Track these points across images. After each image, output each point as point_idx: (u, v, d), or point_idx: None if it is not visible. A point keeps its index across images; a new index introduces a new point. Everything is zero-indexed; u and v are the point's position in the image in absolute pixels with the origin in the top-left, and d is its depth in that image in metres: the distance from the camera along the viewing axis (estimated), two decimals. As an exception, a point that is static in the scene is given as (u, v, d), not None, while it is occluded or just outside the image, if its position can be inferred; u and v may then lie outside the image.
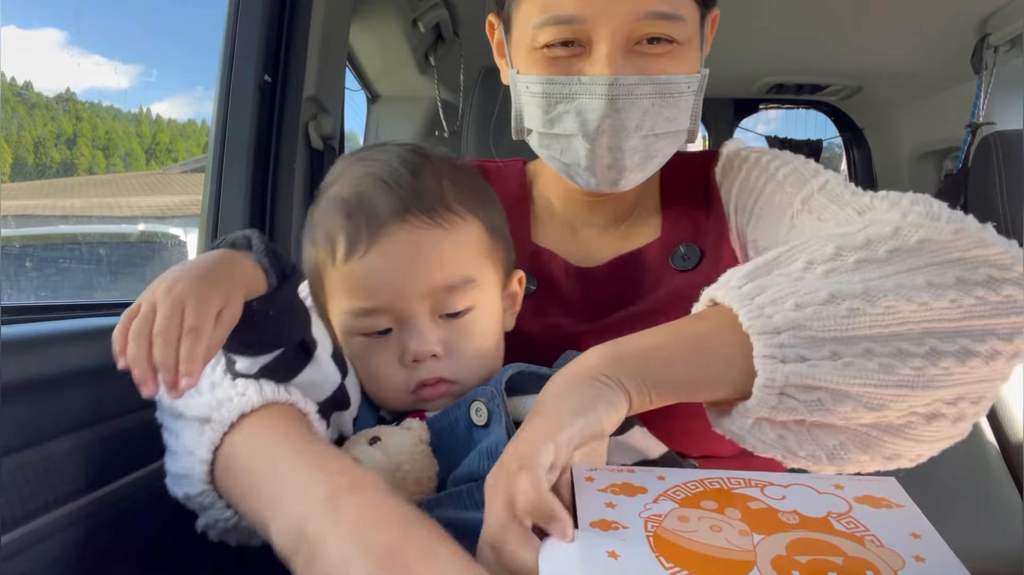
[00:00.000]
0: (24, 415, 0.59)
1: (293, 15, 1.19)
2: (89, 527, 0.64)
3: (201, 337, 0.48)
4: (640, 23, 0.65)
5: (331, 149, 1.26)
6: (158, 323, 0.48)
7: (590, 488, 0.47)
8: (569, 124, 0.69)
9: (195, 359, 0.48)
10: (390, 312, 0.62)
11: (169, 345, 0.48)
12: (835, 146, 2.94)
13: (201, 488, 0.56)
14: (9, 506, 0.56)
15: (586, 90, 0.67)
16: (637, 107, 0.67)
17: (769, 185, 0.76)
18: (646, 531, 0.42)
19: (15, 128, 1.21)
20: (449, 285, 0.62)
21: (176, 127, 1.87)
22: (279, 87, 1.18)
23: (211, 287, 0.50)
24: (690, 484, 0.47)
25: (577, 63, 0.68)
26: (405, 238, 0.61)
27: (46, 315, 0.73)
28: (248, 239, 0.57)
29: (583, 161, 0.71)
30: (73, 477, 0.63)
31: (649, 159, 0.72)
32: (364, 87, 2.18)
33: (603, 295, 0.78)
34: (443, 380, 0.63)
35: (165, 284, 0.50)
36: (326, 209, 0.65)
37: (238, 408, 0.55)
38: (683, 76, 0.68)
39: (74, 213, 1.56)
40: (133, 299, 0.53)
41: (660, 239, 0.79)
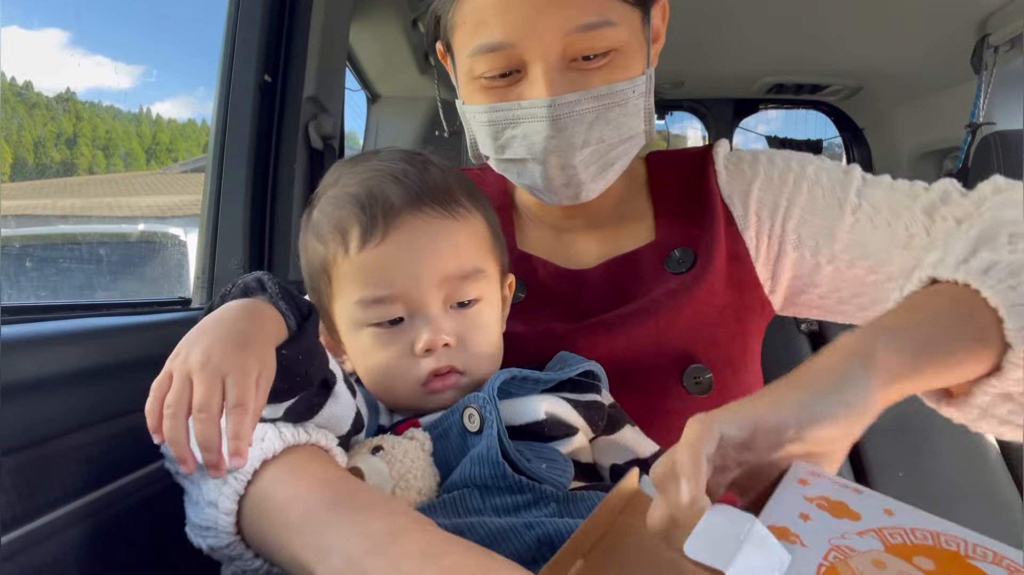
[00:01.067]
0: (24, 415, 0.59)
1: (293, 15, 1.19)
2: (89, 527, 0.64)
3: (247, 412, 0.46)
4: (570, 38, 0.64)
5: (331, 149, 1.27)
6: (198, 399, 0.46)
7: (797, 491, 0.40)
8: (519, 149, 0.69)
9: (244, 436, 0.45)
10: (404, 300, 0.62)
11: (212, 422, 0.45)
12: (835, 146, 2.94)
13: (228, 540, 0.53)
14: (9, 506, 0.56)
15: (527, 114, 0.66)
16: (581, 122, 0.66)
17: (803, 183, 0.76)
18: (824, 559, 0.36)
19: (15, 128, 1.21)
20: (462, 274, 0.63)
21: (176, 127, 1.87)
22: (279, 87, 1.18)
23: (248, 354, 0.48)
24: (919, 532, 0.38)
25: (516, 88, 0.67)
26: (422, 226, 0.62)
27: (46, 315, 0.73)
28: (260, 282, 0.55)
29: (539, 182, 0.71)
30: (73, 477, 0.63)
31: (607, 168, 0.72)
32: (364, 87, 2.18)
33: (595, 297, 0.78)
34: (454, 370, 0.63)
35: (199, 354, 0.47)
36: (332, 206, 0.65)
37: (259, 456, 0.52)
38: (625, 83, 0.67)
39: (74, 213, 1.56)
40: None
41: (655, 243, 0.79)
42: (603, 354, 0.71)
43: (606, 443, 0.65)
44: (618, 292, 0.77)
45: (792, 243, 0.75)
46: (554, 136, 0.66)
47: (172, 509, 0.69)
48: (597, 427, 0.64)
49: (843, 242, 0.73)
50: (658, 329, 0.73)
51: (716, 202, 0.78)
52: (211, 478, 0.48)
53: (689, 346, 0.73)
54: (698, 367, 0.72)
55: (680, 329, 0.73)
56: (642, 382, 0.72)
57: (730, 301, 0.76)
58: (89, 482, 0.65)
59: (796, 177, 0.76)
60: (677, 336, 0.73)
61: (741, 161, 0.81)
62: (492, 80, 0.67)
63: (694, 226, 0.78)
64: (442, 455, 0.60)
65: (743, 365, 0.76)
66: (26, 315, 0.71)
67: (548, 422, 0.61)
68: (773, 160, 0.79)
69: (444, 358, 0.62)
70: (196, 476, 0.56)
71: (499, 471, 0.55)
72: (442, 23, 0.71)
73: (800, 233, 0.75)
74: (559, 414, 0.62)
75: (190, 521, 0.56)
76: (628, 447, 0.65)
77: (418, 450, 0.58)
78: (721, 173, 0.80)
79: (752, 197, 0.78)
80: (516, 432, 0.60)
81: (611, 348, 0.73)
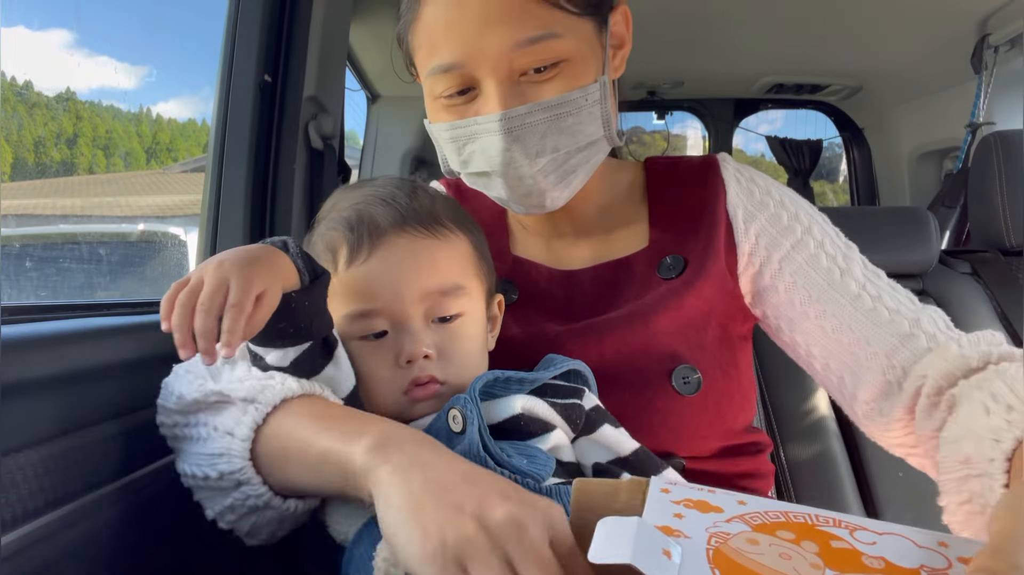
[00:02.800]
0: (24, 415, 0.59)
1: (293, 15, 1.19)
2: (89, 527, 0.64)
3: (242, 313, 0.53)
4: (516, 54, 0.66)
5: (331, 149, 1.27)
6: (203, 295, 0.53)
7: (663, 498, 0.46)
8: (479, 163, 0.71)
9: (235, 332, 0.52)
10: (388, 315, 0.66)
11: (210, 315, 0.53)
12: (835, 146, 2.95)
13: (240, 464, 0.59)
14: (9, 506, 0.56)
15: (483, 128, 0.69)
16: (533, 133, 0.68)
17: (809, 239, 0.78)
18: (708, 544, 0.41)
19: (15, 128, 1.21)
20: (442, 290, 0.67)
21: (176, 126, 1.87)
22: (279, 87, 1.18)
23: (255, 270, 0.55)
24: (771, 513, 0.45)
25: (474, 105, 0.70)
26: (404, 245, 0.66)
27: (46, 315, 0.73)
28: (284, 242, 0.62)
29: (503, 194, 0.73)
30: (73, 477, 0.63)
31: (568, 175, 0.72)
32: (364, 87, 2.18)
33: (586, 298, 0.79)
34: (434, 379, 0.66)
35: (215, 261, 0.55)
36: (326, 228, 0.70)
37: (280, 393, 0.59)
38: (577, 92, 0.68)
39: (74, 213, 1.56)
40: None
41: (648, 249, 0.80)
42: (593, 356, 0.73)
43: (588, 442, 0.67)
44: (609, 295, 0.79)
45: (785, 285, 0.78)
46: (509, 148, 0.68)
47: (172, 509, 0.69)
48: (576, 426, 0.66)
49: (836, 308, 0.75)
50: (647, 332, 0.74)
51: (719, 211, 0.80)
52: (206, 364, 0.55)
53: (677, 347, 0.74)
54: (686, 367, 0.74)
55: (668, 331, 0.75)
56: (631, 382, 0.74)
57: (719, 307, 0.78)
58: (89, 482, 0.65)
59: (803, 231, 0.79)
60: (665, 338, 0.75)
61: (753, 182, 0.82)
62: (451, 99, 0.70)
63: (689, 233, 0.79)
64: None
65: (732, 365, 0.78)
66: (26, 315, 0.71)
67: (524, 417, 0.63)
68: (783, 202, 0.81)
69: (425, 369, 0.66)
70: (206, 418, 0.62)
71: (481, 465, 0.56)
72: (404, 46, 0.74)
73: (796, 279, 0.77)
74: (535, 410, 0.64)
75: (196, 454, 0.62)
76: (609, 446, 0.67)
77: None
78: (730, 184, 0.82)
79: (756, 222, 0.79)
80: (496, 430, 0.62)
81: (601, 350, 0.74)
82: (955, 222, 2.02)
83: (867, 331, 0.73)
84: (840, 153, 2.93)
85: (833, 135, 2.85)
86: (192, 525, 0.66)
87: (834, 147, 2.96)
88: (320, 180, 1.24)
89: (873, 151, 2.69)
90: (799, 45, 2.15)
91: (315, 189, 1.24)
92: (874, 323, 0.73)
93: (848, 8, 1.82)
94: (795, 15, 1.90)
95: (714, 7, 1.81)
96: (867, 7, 1.80)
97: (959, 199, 1.99)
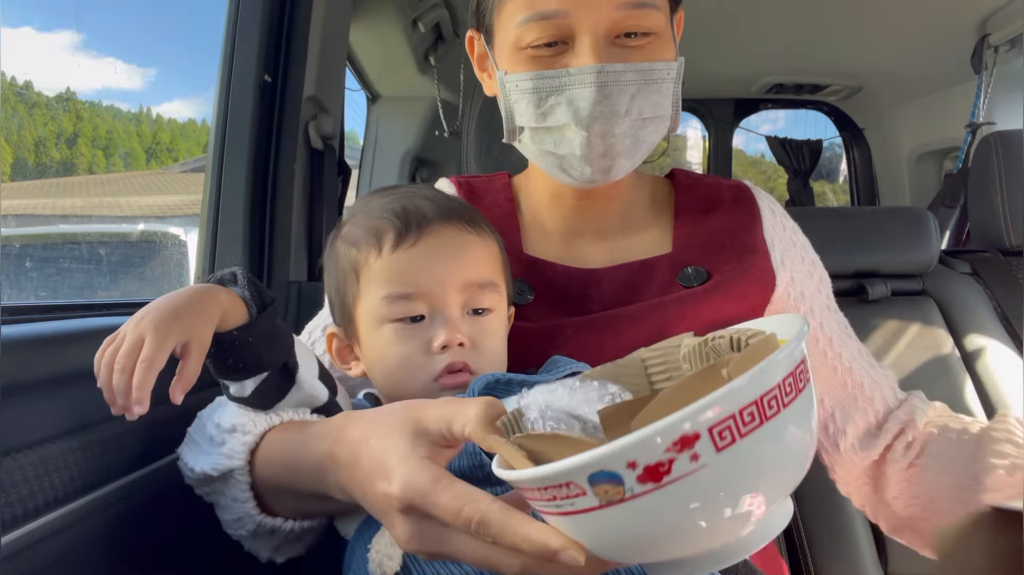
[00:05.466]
0: (24, 415, 0.59)
1: (293, 15, 1.19)
2: (89, 527, 0.64)
3: (150, 369, 0.55)
4: (619, 13, 0.69)
5: (331, 149, 1.27)
6: (119, 353, 0.56)
7: None
8: (561, 115, 0.72)
9: (143, 389, 0.55)
10: (428, 300, 0.67)
11: (124, 373, 0.55)
12: (835, 146, 2.95)
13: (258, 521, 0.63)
14: (9, 506, 0.56)
15: (575, 80, 0.70)
16: (625, 93, 0.71)
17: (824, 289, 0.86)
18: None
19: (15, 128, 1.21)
20: (480, 283, 0.69)
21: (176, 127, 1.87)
22: (279, 87, 1.18)
23: (174, 323, 0.57)
24: None
25: (562, 59, 0.71)
26: (450, 236, 0.69)
27: (46, 315, 0.73)
28: (234, 274, 0.64)
29: (578, 150, 0.73)
30: (73, 477, 0.63)
31: (638, 145, 0.75)
32: (364, 87, 2.18)
33: (604, 296, 0.79)
34: (467, 368, 0.67)
35: (136, 318, 0.57)
36: (368, 218, 0.71)
37: (241, 453, 0.61)
38: (662, 64, 0.73)
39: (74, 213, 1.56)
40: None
41: (670, 256, 0.81)
42: (608, 349, 0.73)
43: None
44: (628, 295, 0.79)
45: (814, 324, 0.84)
46: (600, 102, 0.70)
47: (172, 508, 0.69)
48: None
49: (849, 354, 0.84)
50: (660, 329, 0.75)
51: (757, 239, 0.83)
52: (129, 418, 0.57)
53: None
54: None
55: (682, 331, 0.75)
56: None
57: (735, 316, 0.79)
58: (89, 482, 0.65)
59: (819, 278, 0.86)
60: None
61: (785, 217, 0.87)
62: (538, 49, 0.71)
63: (718, 251, 0.81)
64: None
65: None
66: (26, 315, 0.71)
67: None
68: (805, 246, 0.87)
69: (460, 356, 0.67)
70: (219, 486, 0.64)
71: (476, 461, 0.57)
72: (485, 2, 0.76)
73: (822, 321, 0.85)
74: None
75: (225, 521, 0.65)
76: None
77: None
78: (766, 214, 0.85)
79: (789, 258, 0.84)
80: None
81: (616, 343, 0.75)
82: (955, 222, 2.02)
83: (867, 378, 0.83)
84: (840, 153, 2.93)
85: (833, 135, 2.86)
86: (192, 524, 0.66)
87: (834, 147, 2.96)
88: (320, 180, 1.24)
89: (873, 151, 2.69)
90: (799, 45, 2.15)
91: (315, 189, 1.24)
92: (871, 372, 0.84)
93: (848, 8, 1.82)
94: (795, 15, 1.90)
95: (714, 7, 1.81)
96: (867, 7, 1.80)
97: (959, 199, 1.99)
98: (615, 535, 0.36)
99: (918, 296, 1.46)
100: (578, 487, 0.34)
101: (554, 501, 0.36)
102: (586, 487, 0.34)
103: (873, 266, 1.44)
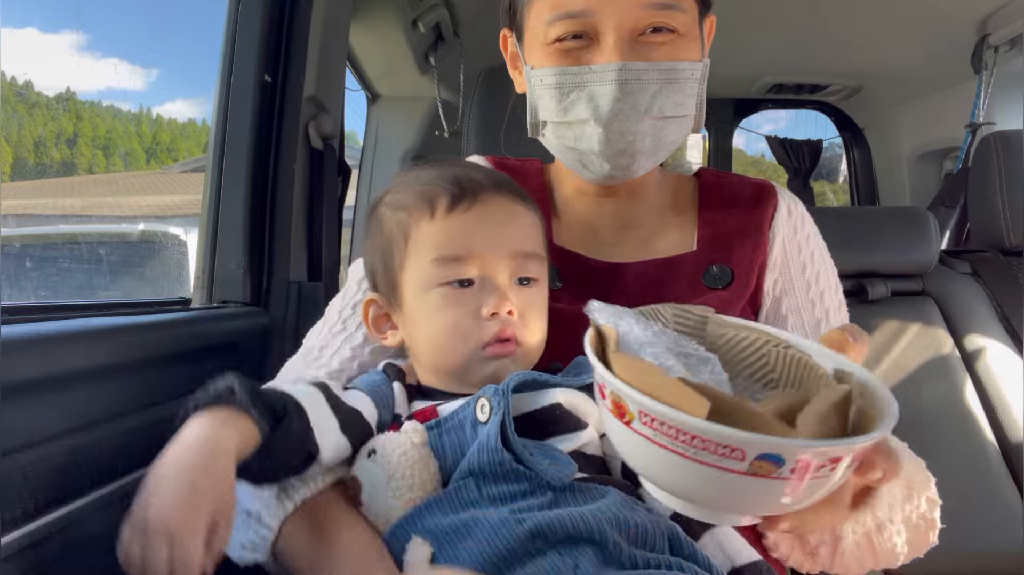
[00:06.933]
0: (24, 415, 0.59)
1: (293, 15, 1.19)
2: (89, 527, 0.64)
3: (191, 572, 0.47)
4: (644, 12, 0.70)
5: (331, 149, 1.27)
6: (151, 568, 0.47)
7: None
8: (582, 110, 0.73)
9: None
10: (479, 265, 0.67)
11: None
12: (835, 146, 2.95)
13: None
14: (9, 506, 0.56)
15: (597, 77, 0.72)
16: (646, 91, 0.72)
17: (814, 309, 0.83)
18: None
19: (15, 128, 1.21)
20: (530, 252, 0.69)
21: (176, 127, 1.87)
22: (279, 87, 1.18)
23: (194, 511, 0.48)
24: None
25: (586, 54, 0.73)
26: (503, 204, 0.70)
27: (46, 315, 0.73)
28: (231, 389, 0.55)
29: (596, 146, 0.74)
30: (73, 477, 0.63)
31: (659, 143, 0.76)
32: (364, 87, 2.18)
33: (629, 291, 0.80)
34: (514, 338, 0.66)
35: (152, 515, 0.48)
36: (418, 183, 0.71)
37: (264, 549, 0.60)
38: (686, 63, 0.73)
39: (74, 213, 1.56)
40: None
41: (695, 254, 0.82)
42: None
43: (708, 537, 0.64)
44: (653, 292, 0.79)
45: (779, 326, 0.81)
46: (620, 99, 0.71)
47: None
48: None
49: None
50: None
51: (765, 231, 0.83)
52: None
53: None
54: None
55: None
56: None
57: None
58: (89, 482, 0.65)
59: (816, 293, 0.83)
60: None
61: (802, 219, 0.85)
62: (564, 42, 0.73)
63: (737, 247, 0.82)
64: (455, 447, 0.61)
65: None
66: (26, 315, 0.71)
67: (561, 408, 0.63)
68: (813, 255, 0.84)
69: (508, 324, 0.66)
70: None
71: (496, 458, 0.56)
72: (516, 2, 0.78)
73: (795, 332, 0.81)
74: (575, 404, 0.64)
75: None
76: (725, 549, 0.63)
77: (406, 446, 0.60)
78: (781, 210, 0.84)
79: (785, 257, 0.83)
80: (527, 420, 0.62)
81: None
82: (955, 222, 2.02)
83: None
84: (840, 153, 2.93)
85: (833, 135, 2.86)
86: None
87: (834, 147, 2.96)
88: (320, 180, 1.24)
89: (873, 151, 2.69)
90: (799, 45, 2.15)
91: (315, 189, 1.24)
92: None
93: (848, 8, 1.82)
94: (795, 15, 1.90)
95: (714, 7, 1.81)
96: (867, 7, 1.80)
97: (959, 199, 1.99)
98: (714, 489, 0.41)
99: (918, 296, 1.46)
100: (741, 454, 0.38)
101: (694, 447, 0.39)
102: (749, 458, 0.38)
103: (873, 266, 1.44)
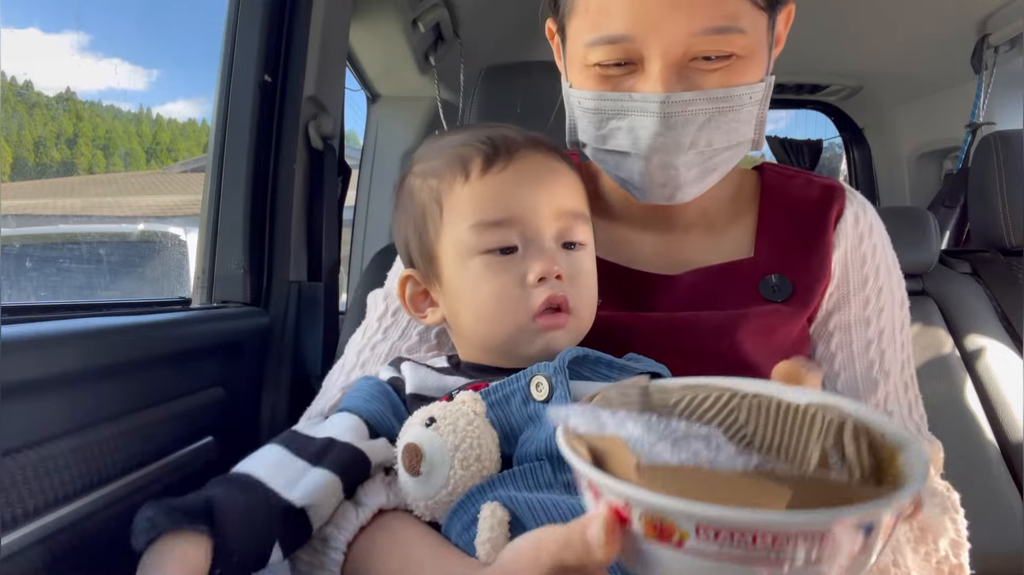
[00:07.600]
0: (24, 415, 0.59)
1: (293, 15, 1.19)
2: (89, 527, 0.64)
3: None
4: (695, 40, 0.62)
5: (331, 149, 1.27)
6: None
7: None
8: (622, 141, 0.68)
9: None
10: (520, 227, 0.62)
11: None
12: (835, 146, 2.95)
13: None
14: (9, 506, 0.56)
15: (638, 107, 0.65)
16: (692, 123, 0.65)
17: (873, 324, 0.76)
18: None
19: (15, 128, 1.21)
20: (575, 212, 0.65)
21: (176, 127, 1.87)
22: (279, 87, 1.18)
23: None
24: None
25: (629, 80, 0.66)
26: (541, 161, 0.65)
27: (46, 315, 0.73)
28: (150, 520, 0.53)
29: (636, 179, 0.69)
30: (73, 477, 0.63)
31: (708, 172, 0.70)
32: (364, 87, 2.17)
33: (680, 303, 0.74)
34: (565, 306, 0.62)
35: None
36: (450, 147, 0.66)
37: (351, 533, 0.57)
38: (743, 88, 0.65)
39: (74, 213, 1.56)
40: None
41: (752, 260, 0.75)
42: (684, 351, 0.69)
43: None
44: (707, 303, 0.73)
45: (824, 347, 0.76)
46: (662, 134, 0.64)
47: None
48: None
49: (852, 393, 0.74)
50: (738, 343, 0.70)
51: (828, 238, 0.75)
52: None
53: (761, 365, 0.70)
54: None
55: (758, 350, 0.70)
56: None
57: (801, 335, 0.75)
58: (89, 482, 0.65)
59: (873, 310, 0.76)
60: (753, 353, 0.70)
61: (871, 228, 0.78)
62: (605, 68, 0.66)
63: (799, 255, 0.75)
64: (502, 420, 0.58)
65: None
66: (26, 315, 0.71)
67: None
68: (879, 269, 0.77)
69: (557, 289, 0.61)
70: None
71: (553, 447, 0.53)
72: (560, 4, 0.70)
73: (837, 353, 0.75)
74: None
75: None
76: None
77: (470, 415, 0.57)
78: (848, 216, 0.77)
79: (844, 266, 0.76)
80: None
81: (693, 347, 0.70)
82: (955, 222, 2.02)
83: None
84: (840, 153, 2.92)
85: (833, 135, 2.85)
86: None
87: (834, 147, 2.96)
88: (320, 180, 1.24)
89: (873, 151, 2.69)
90: (799, 45, 2.14)
91: (315, 189, 1.24)
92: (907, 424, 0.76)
93: (848, 8, 1.82)
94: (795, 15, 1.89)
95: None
96: (867, 7, 1.80)
97: (959, 199, 1.98)
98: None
99: (918, 296, 1.46)
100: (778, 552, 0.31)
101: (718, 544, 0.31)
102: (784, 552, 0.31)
103: (873, 266, 1.44)
